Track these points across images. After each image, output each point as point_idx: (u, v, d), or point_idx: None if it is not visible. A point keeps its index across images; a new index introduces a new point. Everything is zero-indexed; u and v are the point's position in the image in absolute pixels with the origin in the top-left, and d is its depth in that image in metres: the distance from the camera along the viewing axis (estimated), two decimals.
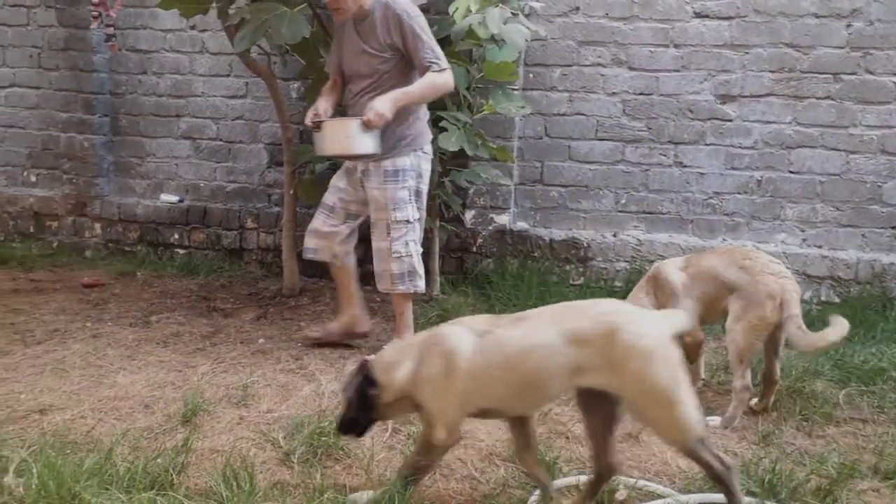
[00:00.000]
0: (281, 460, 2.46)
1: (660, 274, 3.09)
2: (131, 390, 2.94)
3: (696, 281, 2.99)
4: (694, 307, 2.96)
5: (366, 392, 2.09)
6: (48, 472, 1.97)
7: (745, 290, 2.83)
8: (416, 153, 3.30)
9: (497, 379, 1.98)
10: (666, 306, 3.03)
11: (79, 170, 5.29)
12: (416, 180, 3.31)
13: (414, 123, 3.30)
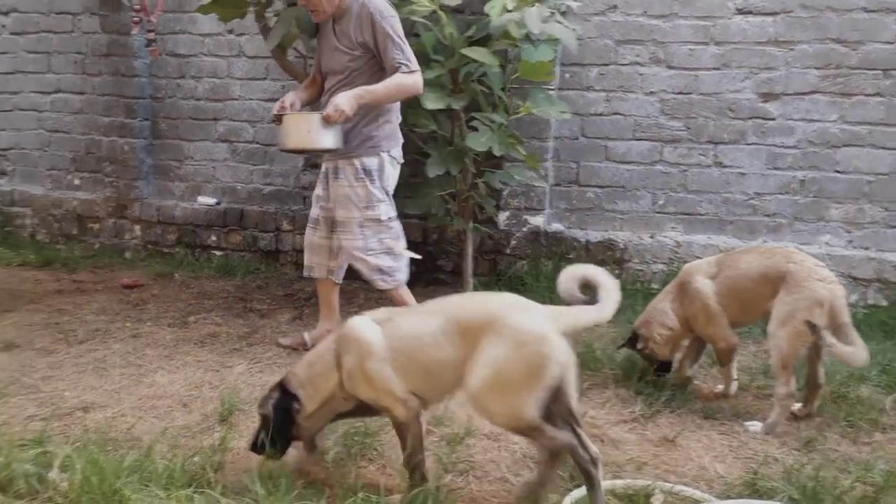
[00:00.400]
0: (315, 460, 2.47)
1: (687, 282, 3.01)
2: (170, 389, 2.99)
3: (729, 284, 2.92)
4: (724, 313, 2.91)
5: (287, 407, 2.16)
6: (91, 468, 2.01)
7: (790, 294, 2.74)
8: (383, 155, 3.29)
9: (402, 365, 2.10)
10: (691, 315, 2.98)
11: (119, 173, 5.41)
12: (387, 180, 3.32)
13: (383, 125, 3.29)
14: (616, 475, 2.41)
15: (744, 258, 2.99)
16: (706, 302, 2.93)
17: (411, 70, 3.14)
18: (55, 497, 1.99)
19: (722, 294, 2.92)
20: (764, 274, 2.84)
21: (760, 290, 2.84)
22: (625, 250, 4.34)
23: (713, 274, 2.97)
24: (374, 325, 2.14)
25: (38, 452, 2.14)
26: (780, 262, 2.83)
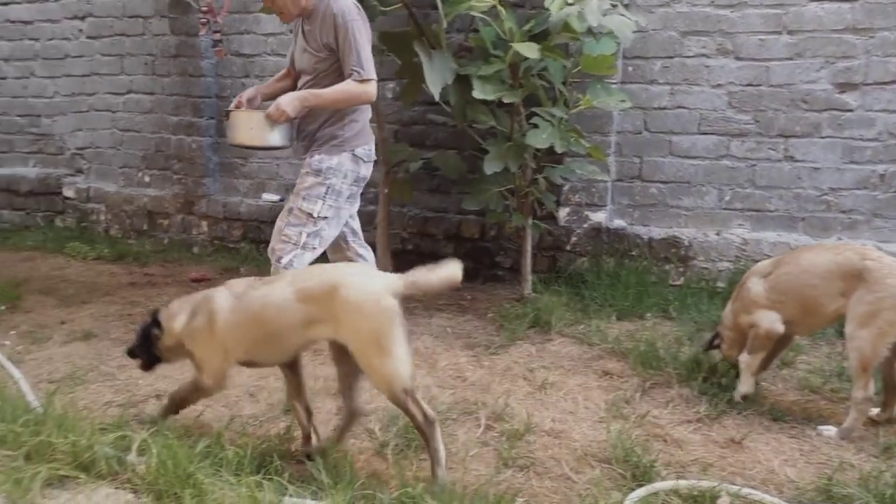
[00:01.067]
0: (376, 451, 2.51)
1: (743, 281, 2.95)
2: (237, 380, 3.05)
3: (786, 281, 2.80)
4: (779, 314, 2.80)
5: (150, 332, 2.46)
6: (166, 452, 2.08)
7: (871, 293, 2.60)
8: (346, 154, 3.26)
9: (247, 333, 2.28)
10: (744, 316, 2.89)
11: (187, 170, 5.59)
12: (341, 180, 3.27)
13: (348, 125, 3.27)
14: (680, 475, 2.36)
15: (806, 255, 2.87)
16: (751, 299, 2.85)
17: (363, 79, 3.11)
18: (133, 479, 2.07)
19: (777, 291, 2.81)
20: (832, 271, 2.71)
21: (827, 288, 2.72)
22: (689, 248, 4.23)
23: (768, 273, 2.87)
24: (229, 298, 2.33)
25: (118, 436, 2.23)
26: (853, 258, 2.69)
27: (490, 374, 3.20)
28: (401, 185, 4.43)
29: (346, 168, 3.27)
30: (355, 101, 3.21)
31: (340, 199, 3.30)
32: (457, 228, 4.75)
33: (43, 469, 2.04)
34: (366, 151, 3.35)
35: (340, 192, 3.28)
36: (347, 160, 3.27)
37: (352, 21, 3.10)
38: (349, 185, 3.31)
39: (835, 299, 2.69)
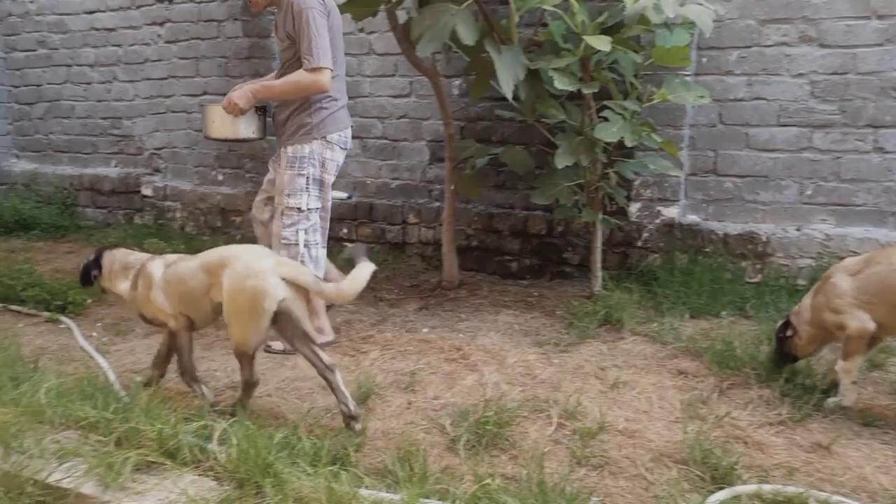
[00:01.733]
0: (448, 446, 2.51)
1: (828, 277, 2.81)
2: (310, 372, 3.08)
3: (877, 281, 2.64)
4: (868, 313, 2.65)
5: (90, 272, 2.89)
6: (246, 442, 2.14)
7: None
8: (318, 141, 3.27)
9: (175, 294, 2.73)
10: (829, 314, 2.74)
11: (258, 169, 5.73)
12: (319, 169, 3.28)
13: (316, 112, 3.27)
14: (763, 480, 2.27)
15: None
16: (837, 296, 2.70)
17: (313, 67, 3.10)
18: (215, 467, 2.14)
19: (866, 291, 2.65)
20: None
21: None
22: (767, 244, 4.07)
23: (857, 271, 2.71)
24: (161, 266, 2.79)
25: (200, 426, 2.30)
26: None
27: (560, 371, 3.16)
28: (467, 181, 4.43)
29: (322, 155, 3.30)
30: (305, 90, 3.19)
31: (322, 188, 3.33)
32: (523, 224, 4.71)
33: (132, 455, 2.13)
34: (340, 138, 3.36)
35: (321, 180, 3.32)
36: (320, 147, 3.29)
37: (307, 9, 3.09)
38: (329, 174, 3.35)
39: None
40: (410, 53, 4.17)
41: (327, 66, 3.15)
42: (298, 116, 3.30)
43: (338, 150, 3.38)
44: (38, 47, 6.86)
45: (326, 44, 3.14)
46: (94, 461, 2.12)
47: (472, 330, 3.71)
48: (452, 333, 3.67)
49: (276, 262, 2.58)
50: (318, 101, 3.28)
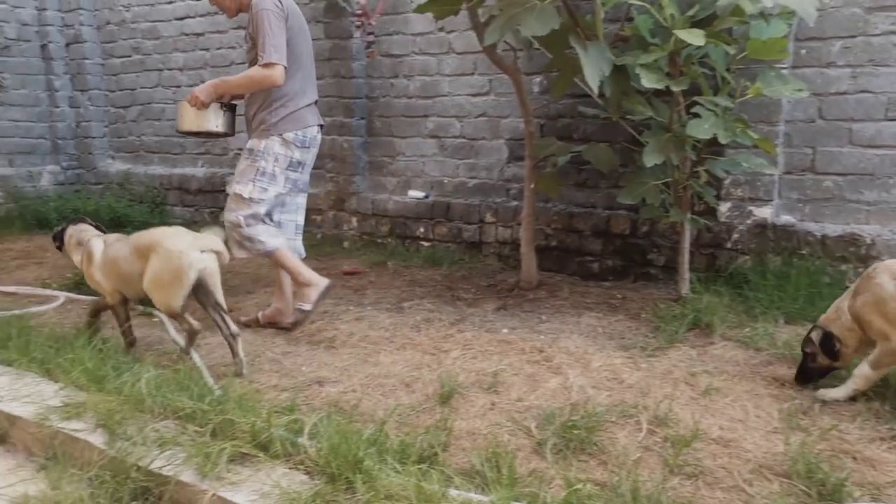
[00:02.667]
0: (534, 449, 2.46)
1: (873, 277, 2.66)
2: (392, 369, 3.15)
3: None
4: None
5: (55, 241, 3.45)
6: (337, 436, 2.16)
7: None
8: (274, 138, 3.50)
9: (111, 273, 3.19)
10: (876, 318, 2.60)
11: (339, 169, 5.83)
12: (271, 163, 3.52)
13: (275, 110, 3.49)
14: (875, 498, 2.13)
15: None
16: (884, 299, 2.57)
17: (265, 62, 3.33)
18: (306, 461, 2.16)
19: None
20: None
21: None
22: (872, 246, 3.82)
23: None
24: (101, 245, 3.23)
25: (290, 420, 2.34)
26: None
27: (648, 376, 3.06)
28: (547, 179, 4.36)
29: (275, 151, 3.51)
30: (258, 84, 3.43)
31: (273, 182, 3.54)
32: (605, 224, 4.61)
33: (227, 446, 2.18)
34: (296, 136, 3.54)
35: (273, 174, 3.53)
36: (276, 144, 3.51)
37: (263, 10, 3.34)
38: (282, 169, 3.55)
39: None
40: (491, 51, 4.15)
41: (279, 63, 3.36)
42: (261, 114, 3.54)
43: (295, 148, 3.56)
44: (132, 53, 7.20)
45: (280, 42, 3.35)
46: (193, 450, 2.19)
47: (554, 332, 3.64)
48: (533, 335, 3.62)
49: (194, 238, 3.06)
50: (278, 101, 3.49)
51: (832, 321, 2.78)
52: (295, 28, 3.48)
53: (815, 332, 2.81)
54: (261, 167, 3.53)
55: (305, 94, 3.57)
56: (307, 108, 3.59)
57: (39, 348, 3.04)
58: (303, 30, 3.58)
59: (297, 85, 3.52)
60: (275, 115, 3.51)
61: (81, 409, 2.51)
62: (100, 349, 3.08)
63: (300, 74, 3.54)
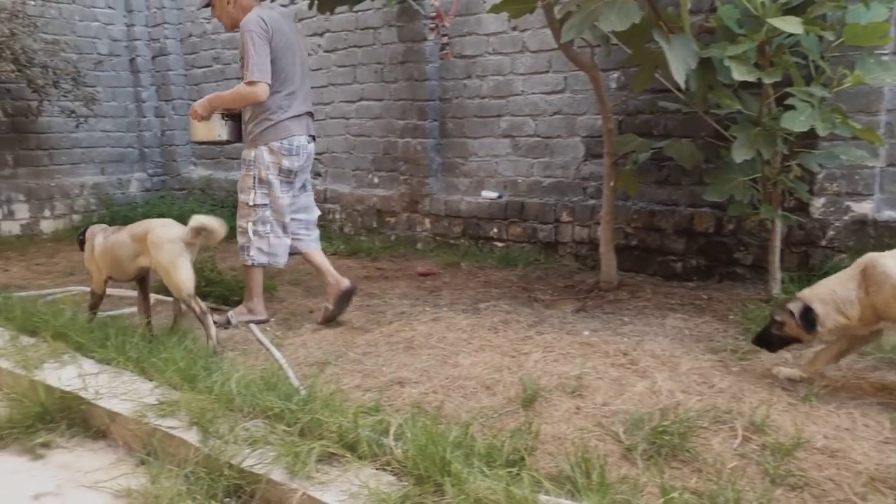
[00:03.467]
0: (623, 455, 2.38)
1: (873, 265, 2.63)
2: (472, 371, 3.12)
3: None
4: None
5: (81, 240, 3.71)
6: (423, 438, 2.14)
7: None
8: (262, 147, 3.76)
9: (107, 259, 3.53)
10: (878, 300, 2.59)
11: (412, 171, 5.86)
12: (264, 170, 3.78)
13: (261, 122, 3.75)
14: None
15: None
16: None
17: (248, 80, 3.62)
18: (392, 462, 2.16)
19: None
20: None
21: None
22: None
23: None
24: (102, 235, 3.57)
25: (376, 420, 2.35)
26: None
27: (741, 380, 2.92)
28: (627, 177, 4.25)
29: (265, 160, 3.78)
30: (244, 100, 3.73)
31: (270, 188, 3.81)
32: (688, 222, 4.45)
33: (316, 445, 2.20)
34: (283, 145, 3.77)
35: (268, 181, 3.80)
36: (264, 153, 3.77)
37: (247, 31, 3.60)
38: (275, 176, 3.81)
39: None
40: (568, 48, 4.07)
41: (261, 80, 3.62)
42: (251, 126, 3.82)
43: (282, 157, 3.80)
44: (213, 63, 7.46)
45: (262, 61, 3.61)
46: (282, 449, 2.22)
47: (638, 334, 3.54)
48: (616, 337, 3.52)
49: (181, 230, 3.37)
50: (262, 114, 3.75)
51: (819, 299, 2.73)
52: (281, 45, 3.69)
53: (795, 304, 2.78)
54: (257, 175, 3.81)
55: (291, 107, 3.79)
56: (292, 119, 3.80)
57: (134, 347, 3.16)
58: (290, 46, 3.76)
59: (282, 99, 3.75)
60: (260, 127, 3.77)
61: (175, 408, 2.59)
62: (189, 349, 3.18)
63: (285, 89, 3.76)
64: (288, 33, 3.75)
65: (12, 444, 2.66)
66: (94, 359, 3.13)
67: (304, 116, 3.87)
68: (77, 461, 2.54)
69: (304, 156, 3.88)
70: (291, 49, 3.76)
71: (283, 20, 3.83)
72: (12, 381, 2.98)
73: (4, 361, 3.15)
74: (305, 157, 3.89)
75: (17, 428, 2.70)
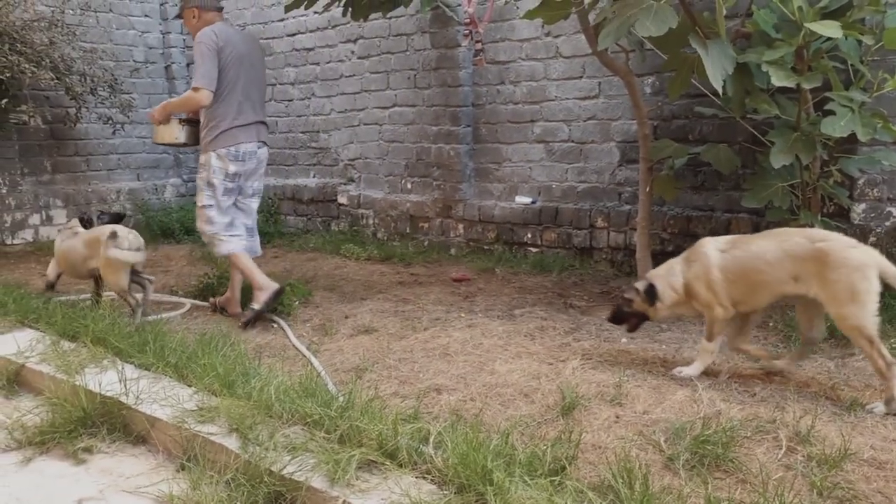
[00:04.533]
0: (665, 465, 2.36)
1: (697, 246, 3.05)
2: (509, 378, 3.11)
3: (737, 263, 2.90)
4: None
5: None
6: (464, 446, 2.14)
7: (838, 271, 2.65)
8: (211, 153, 4.05)
9: (68, 260, 4.22)
10: (693, 278, 2.98)
11: (446, 177, 5.88)
12: (211, 174, 4.07)
13: (209, 130, 4.05)
14: None
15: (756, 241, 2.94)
16: (708, 266, 2.95)
17: (193, 86, 3.96)
18: (432, 470, 2.16)
19: (727, 269, 2.93)
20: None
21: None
22: None
23: (724, 249, 2.99)
24: (62, 236, 4.34)
25: (415, 428, 2.35)
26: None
27: (782, 389, 2.88)
28: (663, 182, 4.21)
29: (213, 165, 4.07)
30: (188, 104, 4.09)
31: (216, 191, 4.11)
32: (725, 228, 4.40)
33: (356, 453, 2.21)
34: (228, 152, 4.05)
35: (214, 184, 4.09)
36: (213, 158, 4.06)
37: (198, 42, 3.94)
38: (221, 180, 4.09)
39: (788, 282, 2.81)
40: (603, 54, 4.05)
41: (204, 87, 3.91)
42: (203, 132, 4.12)
43: (228, 162, 4.08)
44: None
45: (207, 70, 3.91)
46: (322, 457, 2.23)
47: (676, 341, 3.50)
48: (654, 344, 3.49)
49: (132, 235, 3.99)
50: (211, 121, 4.05)
51: (660, 277, 3.10)
52: (231, 58, 3.98)
53: (640, 283, 3.18)
54: (205, 178, 4.12)
55: (240, 116, 4.06)
56: (240, 127, 4.07)
57: (173, 353, 3.20)
58: (241, 60, 4.03)
59: (229, 107, 4.02)
60: (211, 134, 4.07)
61: (215, 413, 2.61)
62: (226, 355, 3.21)
63: (233, 98, 4.02)
64: (241, 48, 4.04)
65: (55, 448, 2.71)
66: (134, 364, 3.17)
67: (253, 125, 4.15)
68: (118, 466, 2.58)
69: (254, 161, 4.20)
70: (243, 62, 4.03)
71: (239, 35, 4.18)
72: (54, 385, 3.01)
73: (46, 366, 3.21)
74: (255, 162, 4.22)
75: (59, 432, 2.74)
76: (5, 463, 2.63)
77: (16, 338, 3.56)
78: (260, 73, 4.23)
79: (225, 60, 3.95)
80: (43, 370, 3.18)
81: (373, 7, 4.75)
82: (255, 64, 4.15)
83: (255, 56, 4.18)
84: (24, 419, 2.83)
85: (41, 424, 2.79)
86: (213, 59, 3.92)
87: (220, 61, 3.93)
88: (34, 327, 3.78)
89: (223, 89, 3.97)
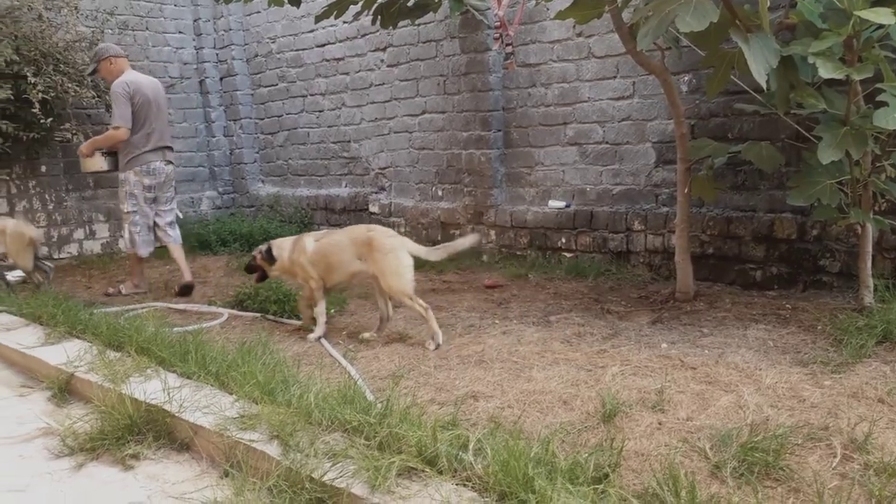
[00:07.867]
0: (711, 472, 2.27)
1: (301, 239, 4.11)
2: (547, 385, 3.05)
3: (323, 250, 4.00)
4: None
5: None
6: (505, 453, 2.09)
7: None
8: (129, 171, 5.29)
9: (12, 249, 5.09)
10: (295, 262, 4.06)
11: (477, 183, 5.84)
12: (132, 187, 5.31)
13: (125, 154, 5.28)
14: None
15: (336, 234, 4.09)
16: (304, 249, 4.06)
17: (112, 126, 5.21)
18: (472, 477, 2.11)
19: (317, 253, 4.01)
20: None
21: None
22: None
23: (317, 239, 4.09)
24: (13, 224, 5.15)
25: (454, 435, 2.31)
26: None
27: (835, 395, 2.76)
28: (702, 183, 4.11)
29: (132, 180, 5.31)
30: (111, 140, 5.27)
31: (136, 199, 5.33)
32: (768, 229, 4.27)
33: (396, 459, 2.18)
34: (143, 169, 5.29)
35: (135, 195, 5.32)
36: (131, 175, 5.30)
37: (113, 91, 5.19)
38: (140, 191, 5.33)
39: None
40: (638, 53, 3.98)
41: (122, 125, 5.15)
42: (121, 156, 5.33)
43: (143, 175, 5.31)
44: (278, 82, 7.65)
45: (122, 112, 5.14)
46: (362, 463, 2.20)
47: (719, 346, 3.40)
48: (696, 349, 3.39)
49: (33, 230, 5.24)
50: (128, 148, 5.25)
51: (277, 245, 4.15)
52: (141, 100, 5.18)
53: (265, 245, 4.22)
54: (127, 190, 5.33)
55: (149, 142, 5.27)
56: (151, 151, 5.30)
57: (213, 362, 3.22)
58: (149, 101, 5.22)
59: (141, 138, 5.23)
60: (127, 157, 5.29)
61: (256, 421, 2.61)
62: (265, 364, 3.22)
63: (143, 131, 5.23)
64: (147, 92, 5.24)
65: (104, 454, 2.75)
66: (176, 373, 3.20)
67: (160, 150, 5.36)
68: (164, 472, 2.60)
69: (163, 175, 5.40)
70: (150, 103, 5.23)
71: (146, 81, 5.34)
72: (102, 394, 3.07)
73: (94, 375, 3.27)
74: (164, 176, 5.41)
75: (108, 439, 2.78)
76: (59, 468, 2.68)
77: (65, 348, 3.65)
78: (163, 108, 5.39)
79: (137, 103, 5.17)
80: (91, 379, 3.24)
81: (402, 14, 4.75)
82: (159, 102, 5.33)
83: (159, 96, 5.35)
84: (76, 426, 2.88)
85: (91, 431, 2.84)
86: (127, 104, 5.14)
87: (132, 104, 5.14)
88: (81, 338, 3.85)
89: (136, 125, 5.20)
